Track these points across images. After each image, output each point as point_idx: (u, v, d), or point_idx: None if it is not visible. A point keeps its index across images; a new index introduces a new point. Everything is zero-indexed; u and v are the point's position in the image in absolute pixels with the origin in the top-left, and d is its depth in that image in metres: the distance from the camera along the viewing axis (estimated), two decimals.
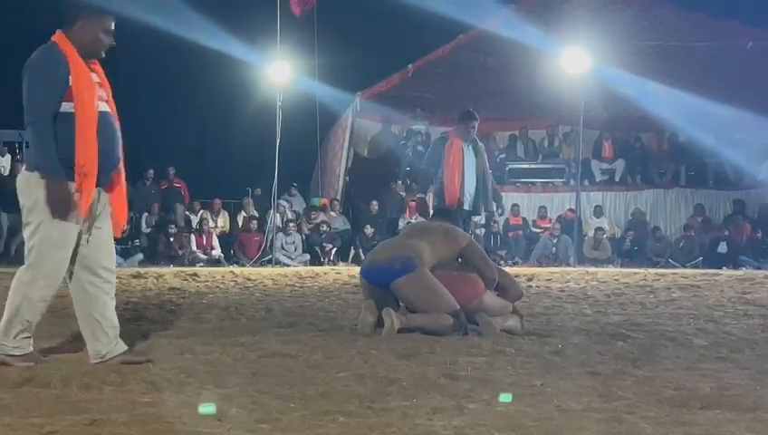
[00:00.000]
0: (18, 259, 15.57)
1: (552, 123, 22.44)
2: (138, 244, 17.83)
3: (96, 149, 4.80)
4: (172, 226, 17.93)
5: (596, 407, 3.97)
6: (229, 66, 20.06)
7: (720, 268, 16.87)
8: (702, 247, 19.04)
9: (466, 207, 10.10)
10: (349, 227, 19.32)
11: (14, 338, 4.86)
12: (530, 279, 12.92)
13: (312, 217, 19.04)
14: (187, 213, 18.93)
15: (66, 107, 4.75)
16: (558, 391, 4.31)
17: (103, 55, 5.04)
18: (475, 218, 19.61)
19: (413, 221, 17.08)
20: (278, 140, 17.14)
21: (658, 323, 7.51)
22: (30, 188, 4.83)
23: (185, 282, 12.12)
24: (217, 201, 19.52)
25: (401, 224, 17.82)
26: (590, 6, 20.87)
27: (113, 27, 5.03)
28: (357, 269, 13.11)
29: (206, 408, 3.89)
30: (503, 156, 22.15)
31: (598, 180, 21.44)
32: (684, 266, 17.78)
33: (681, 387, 4.47)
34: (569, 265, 17.87)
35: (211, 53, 19.37)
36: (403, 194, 20.21)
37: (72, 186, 4.75)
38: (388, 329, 6.26)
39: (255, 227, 18.49)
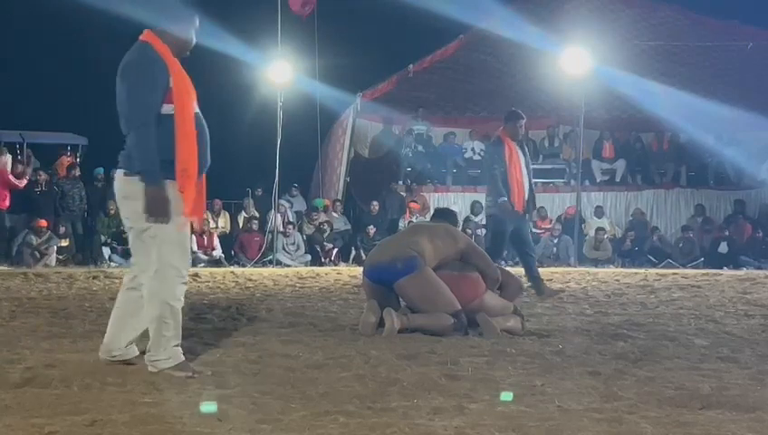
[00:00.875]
0: (19, 260, 15.66)
1: (553, 123, 22.41)
2: None
3: (196, 151, 4.76)
4: None
5: (597, 407, 3.97)
6: (230, 66, 20.06)
7: (721, 268, 16.85)
8: (702, 248, 19.03)
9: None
10: (349, 228, 19.32)
11: (165, 350, 4.74)
12: None
13: (314, 217, 19.04)
14: None
15: (166, 109, 4.71)
16: (559, 392, 4.31)
17: (188, 54, 4.98)
18: (477, 218, 19.74)
19: (413, 221, 17.10)
20: (279, 141, 17.15)
21: (659, 323, 7.51)
22: (136, 193, 4.70)
23: None
24: (218, 201, 19.50)
25: (401, 224, 17.83)
26: (591, 6, 20.89)
27: (198, 26, 4.98)
28: (358, 270, 13.15)
29: (207, 407, 3.90)
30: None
31: (598, 181, 21.42)
32: (684, 267, 17.77)
33: (682, 387, 4.47)
34: (569, 265, 17.85)
35: (211, 53, 19.38)
36: (404, 194, 20.21)
37: (173, 187, 4.70)
38: (389, 329, 6.26)
39: (256, 227, 18.48)
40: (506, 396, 4.35)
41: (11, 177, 16.64)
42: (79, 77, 25.00)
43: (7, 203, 16.62)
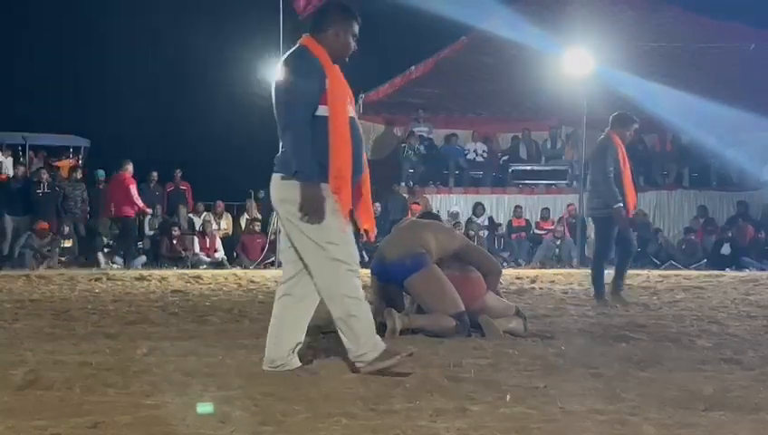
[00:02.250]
0: (21, 262, 15.68)
1: (555, 125, 22.43)
2: (141, 246, 17.85)
3: (350, 154, 4.74)
4: (175, 228, 17.96)
5: (599, 409, 3.96)
6: (233, 69, 20.09)
7: (723, 270, 16.86)
8: (705, 249, 19.02)
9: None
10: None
11: (365, 343, 4.73)
12: (533, 281, 12.91)
13: None
14: (191, 215, 18.94)
15: (321, 111, 4.71)
16: (561, 393, 4.31)
17: (347, 60, 5.00)
18: (479, 220, 19.73)
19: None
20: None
21: (662, 324, 7.50)
22: (295, 195, 4.70)
23: (188, 284, 12.14)
24: (220, 203, 19.53)
25: None
26: (593, 8, 20.89)
27: (358, 32, 4.99)
28: (361, 271, 13.13)
29: (204, 408, 3.90)
30: (505, 158, 22.14)
31: None
32: (687, 268, 17.76)
33: (684, 389, 4.46)
34: (572, 266, 17.86)
35: (215, 55, 19.41)
36: (406, 196, 20.21)
37: (327, 189, 4.68)
38: (391, 330, 6.26)
39: (258, 229, 18.49)
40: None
41: (133, 188, 17.47)
42: (81, 79, 25.04)
43: (132, 212, 17.55)
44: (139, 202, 17.62)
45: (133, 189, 17.52)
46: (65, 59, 25.20)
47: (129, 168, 17.55)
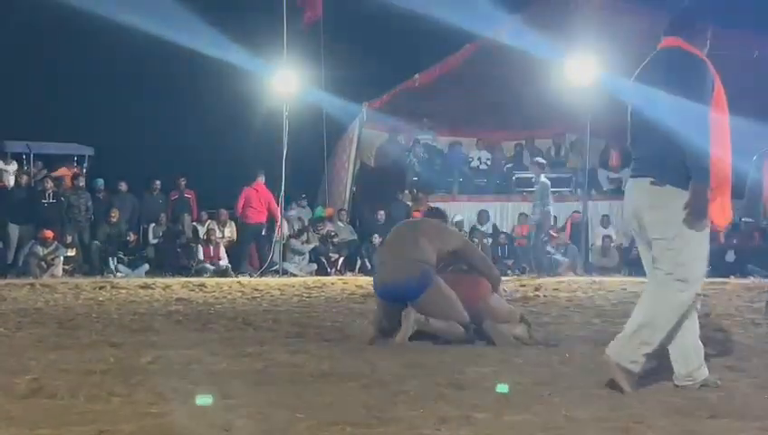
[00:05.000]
0: (25, 270, 15.68)
1: (559, 132, 22.42)
2: (145, 254, 17.86)
3: (730, 156, 4.71)
4: (179, 236, 17.96)
5: (604, 416, 3.96)
6: (236, 76, 20.09)
7: (727, 277, 16.82)
8: (709, 256, 18.97)
9: None
10: (355, 237, 19.32)
11: (635, 352, 4.65)
12: (537, 288, 12.89)
13: (320, 227, 19.03)
14: (195, 223, 18.95)
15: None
16: (566, 401, 4.30)
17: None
18: (483, 227, 19.72)
19: None
20: (285, 151, 17.19)
21: None
22: (665, 201, 4.66)
23: (192, 292, 12.14)
24: (224, 211, 19.52)
25: None
26: (597, 16, 20.86)
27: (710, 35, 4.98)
28: (364, 279, 13.15)
29: (203, 399, 3.90)
30: (509, 165, 22.13)
31: (605, 189, 21.40)
32: None
33: (689, 396, 4.46)
34: (576, 274, 17.84)
35: (218, 62, 19.41)
36: (410, 203, 20.20)
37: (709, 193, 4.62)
38: (404, 333, 6.32)
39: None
40: (502, 388, 4.38)
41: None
42: (85, 88, 25.06)
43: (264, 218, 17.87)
44: None
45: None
46: (70, 68, 25.24)
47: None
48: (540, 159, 19.54)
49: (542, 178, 18.22)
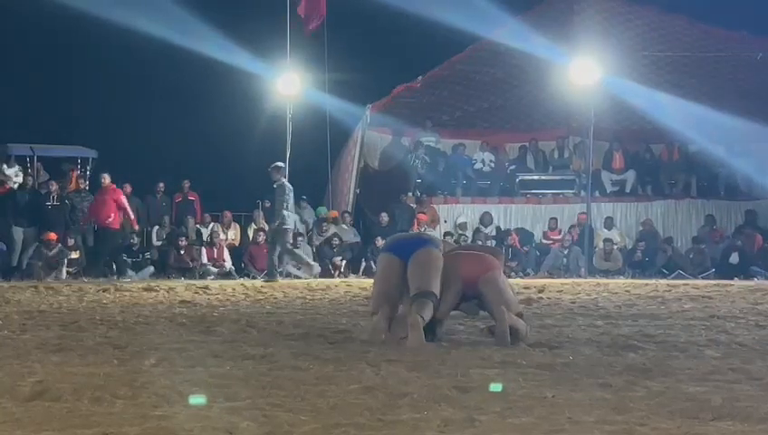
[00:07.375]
0: (29, 273, 15.70)
1: (563, 134, 22.43)
2: (149, 257, 17.88)
3: None
4: (183, 238, 17.97)
5: (608, 419, 3.96)
6: (239, 79, 20.13)
7: (731, 279, 16.81)
8: (713, 258, 18.98)
9: None
10: (359, 240, 19.32)
11: None
12: (540, 291, 12.89)
13: (324, 229, 19.03)
14: (198, 226, 18.96)
15: None
16: (569, 403, 4.30)
17: None
18: (486, 230, 19.71)
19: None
20: (288, 153, 17.20)
21: (670, 334, 7.48)
22: None
23: (196, 295, 12.14)
24: (228, 214, 19.54)
25: None
26: (600, 17, 20.87)
27: None
28: (367, 282, 13.13)
29: (196, 399, 3.90)
30: (513, 167, 22.13)
31: (608, 191, 21.40)
32: (695, 277, 17.72)
33: (693, 398, 4.45)
34: (580, 276, 17.84)
35: (222, 65, 19.45)
36: (414, 206, 20.21)
37: None
38: (416, 339, 6.37)
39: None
40: (495, 387, 4.38)
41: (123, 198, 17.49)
42: (89, 90, 25.09)
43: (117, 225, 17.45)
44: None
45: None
46: (73, 71, 25.28)
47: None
48: None
49: None
